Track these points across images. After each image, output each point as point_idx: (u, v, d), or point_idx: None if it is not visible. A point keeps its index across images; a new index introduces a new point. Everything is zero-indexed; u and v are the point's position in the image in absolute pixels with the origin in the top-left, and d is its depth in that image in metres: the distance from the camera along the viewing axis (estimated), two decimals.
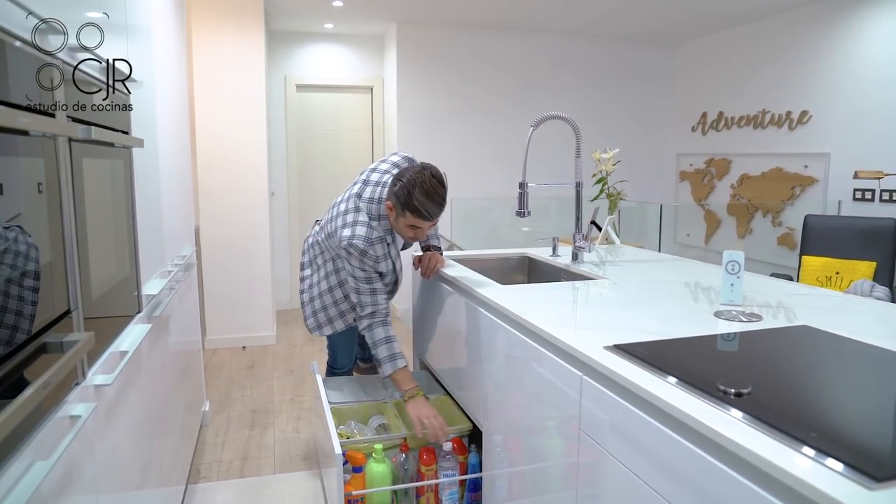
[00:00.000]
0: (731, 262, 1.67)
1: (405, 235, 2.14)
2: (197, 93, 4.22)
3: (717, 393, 1.01)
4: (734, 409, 0.95)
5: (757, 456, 0.82)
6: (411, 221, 2.04)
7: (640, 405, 1.08)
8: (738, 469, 0.86)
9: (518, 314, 1.57)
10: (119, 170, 1.60)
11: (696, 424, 0.93)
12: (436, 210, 2.01)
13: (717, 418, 0.92)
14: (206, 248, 4.31)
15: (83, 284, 1.22)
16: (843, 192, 4.04)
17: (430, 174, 2.02)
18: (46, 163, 1.07)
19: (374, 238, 2.12)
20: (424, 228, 2.08)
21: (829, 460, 0.78)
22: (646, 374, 1.11)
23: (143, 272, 1.79)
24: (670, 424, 1.00)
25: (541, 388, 1.48)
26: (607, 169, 3.88)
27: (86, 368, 1.20)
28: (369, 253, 2.10)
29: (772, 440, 0.85)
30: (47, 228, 1.06)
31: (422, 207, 1.98)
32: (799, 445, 0.82)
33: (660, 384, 1.06)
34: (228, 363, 4.04)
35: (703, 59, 5.26)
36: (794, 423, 0.89)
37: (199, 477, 2.57)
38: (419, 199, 1.97)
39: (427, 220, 2.02)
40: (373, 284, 2.17)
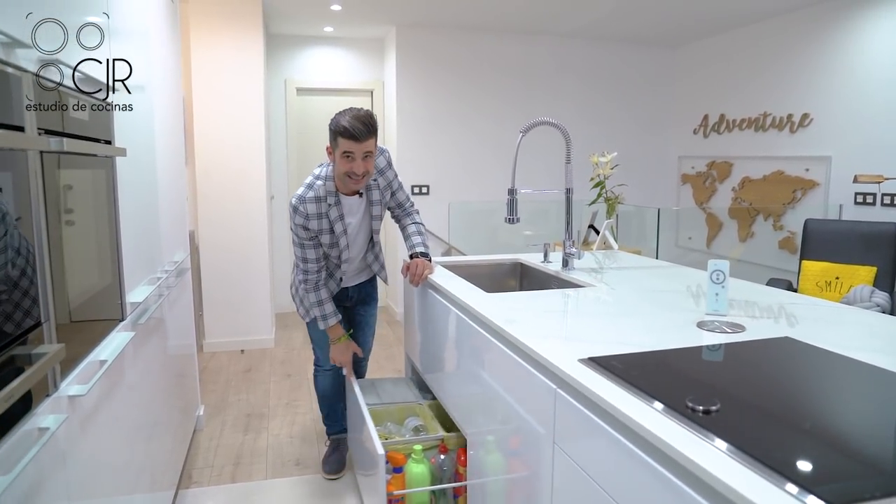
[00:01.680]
0: (716, 272, 1.65)
1: (342, 170, 2.13)
2: (195, 97, 4.23)
3: (685, 410, 0.99)
4: (699, 426, 0.93)
5: (714, 477, 0.80)
6: (343, 147, 2.08)
7: (608, 420, 1.07)
8: (701, 491, 0.85)
9: (497, 324, 1.56)
10: (100, 179, 1.60)
11: (658, 442, 0.92)
12: (360, 127, 2.05)
13: (680, 436, 0.91)
14: (204, 252, 4.32)
15: (56, 295, 1.22)
16: (844, 196, 4.00)
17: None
18: (14, 176, 1.07)
19: (308, 197, 2.21)
20: (358, 157, 2.10)
21: (788, 484, 0.77)
22: (616, 389, 1.09)
23: (128, 280, 1.79)
24: (636, 441, 0.99)
25: (518, 399, 1.47)
26: (605, 173, 3.86)
27: (58, 379, 1.20)
28: (299, 209, 2.20)
29: (732, 461, 0.83)
30: (16, 241, 1.06)
31: (348, 126, 2.05)
32: (758, 467, 0.81)
33: (628, 399, 1.05)
34: (226, 367, 4.05)
35: (705, 61, 5.23)
36: (756, 443, 0.88)
37: (191, 482, 2.57)
38: (346, 119, 2.08)
39: (355, 140, 2.06)
40: (304, 250, 2.28)
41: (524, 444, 1.45)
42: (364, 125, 2.08)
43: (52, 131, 1.23)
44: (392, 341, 4.56)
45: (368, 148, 2.11)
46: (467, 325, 1.81)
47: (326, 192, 2.23)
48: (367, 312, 2.69)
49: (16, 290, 1.05)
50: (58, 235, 1.26)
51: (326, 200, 2.23)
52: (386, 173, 2.37)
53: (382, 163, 2.35)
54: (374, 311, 2.73)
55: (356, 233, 2.37)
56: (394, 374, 3.78)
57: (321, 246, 2.31)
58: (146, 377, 1.98)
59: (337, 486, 2.54)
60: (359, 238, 2.40)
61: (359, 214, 2.35)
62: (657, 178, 5.66)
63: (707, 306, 1.66)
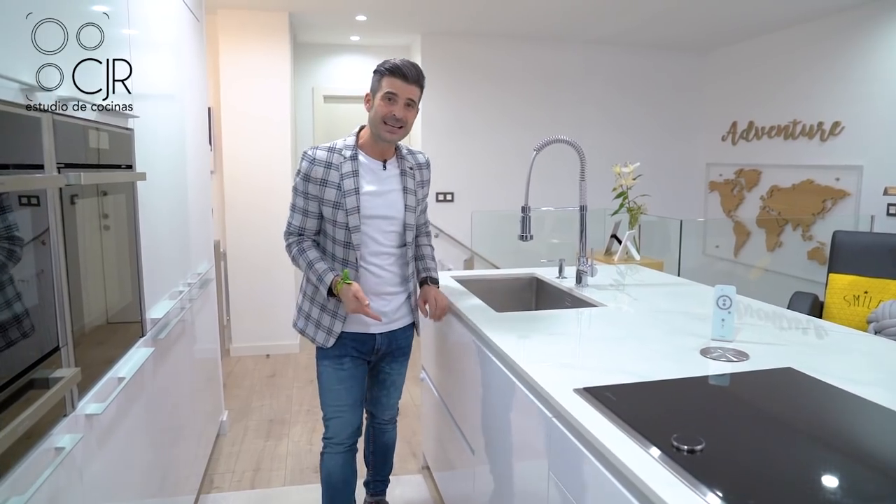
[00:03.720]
0: (723, 298, 1.65)
1: (381, 113, 1.85)
2: (224, 107, 4.34)
3: (670, 449, 1.01)
4: (681, 467, 0.95)
5: None
6: (387, 87, 1.85)
7: (597, 456, 1.09)
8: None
9: (501, 347, 1.58)
10: (121, 203, 1.67)
11: (639, 483, 0.93)
12: (411, 68, 1.85)
13: (661, 479, 0.92)
14: (231, 259, 4.43)
15: (74, 320, 1.29)
16: (876, 207, 3.90)
17: None
18: (33, 211, 1.14)
19: (322, 146, 1.94)
20: (400, 100, 1.85)
21: None
22: (605, 423, 1.11)
23: (149, 296, 1.87)
24: (620, 479, 1.01)
25: (517, 423, 1.49)
26: (627, 183, 3.85)
27: (75, 400, 1.27)
28: (307, 153, 1.92)
29: (702, 502, 0.85)
30: (34, 272, 1.13)
31: (399, 63, 1.85)
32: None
33: (616, 435, 1.06)
34: (251, 372, 4.15)
35: (734, 67, 5.14)
36: (735, 488, 0.89)
37: (212, 487, 2.66)
38: (393, 60, 1.88)
39: (403, 79, 1.83)
40: (293, 213, 1.98)
41: (522, 468, 1.47)
42: (414, 68, 1.87)
43: (71, 164, 1.30)
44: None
45: (413, 95, 1.88)
46: (475, 345, 1.84)
47: (344, 146, 1.94)
48: (394, 370, 2.17)
49: (31, 315, 1.12)
50: (76, 261, 1.33)
51: (342, 153, 1.92)
52: (424, 171, 2.08)
53: (422, 159, 2.10)
54: (404, 368, 2.21)
55: (378, 208, 1.94)
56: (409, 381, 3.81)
57: (317, 217, 1.95)
58: (168, 386, 2.06)
59: None
60: (382, 224, 1.96)
61: (385, 185, 1.97)
62: (685, 186, 5.59)
63: (713, 332, 1.65)
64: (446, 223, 5.12)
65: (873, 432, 1.12)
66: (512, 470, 1.56)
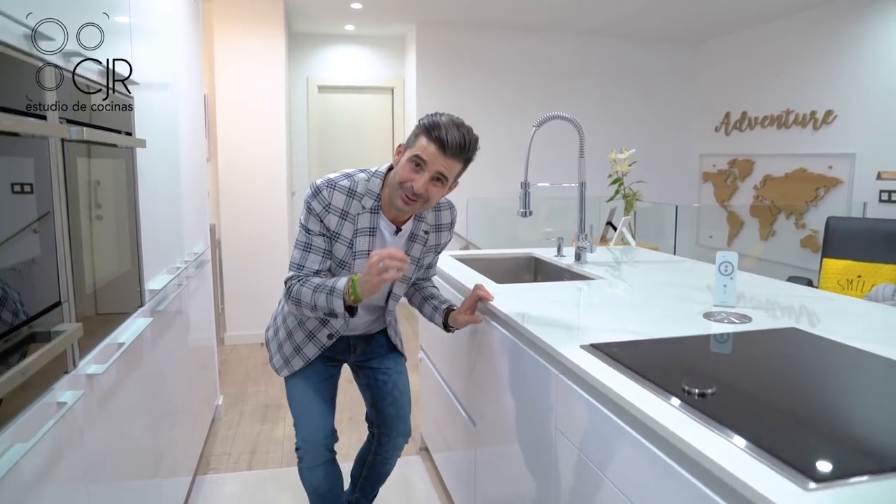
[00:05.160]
0: (725, 263, 1.65)
1: (400, 178, 1.55)
2: (218, 94, 4.32)
3: (681, 393, 1.01)
4: (693, 408, 0.94)
5: (703, 455, 0.82)
6: (419, 149, 1.52)
7: (606, 404, 1.09)
8: (693, 471, 0.86)
9: (504, 311, 1.58)
10: (121, 169, 1.66)
11: (650, 422, 0.93)
12: (457, 137, 1.50)
13: (672, 417, 0.92)
14: (226, 247, 4.40)
15: (75, 278, 1.27)
16: (868, 194, 3.93)
17: None
18: (37, 162, 1.12)
19: (340, 185, 1.61)
20: (428, 170, 1.52)
21: (773, 459, 0.78)
22: (614, 373, 1.11)
23: (147, 268, 1.85)
24: (631, 423, 1.01)
25: (521, 385, 1.49)
26: (623, 169, 3.85)
27: (77, 358, 1.25)
28: (322, 193, 1.60)
29: (722, 439, 0.85)
30: (36, 222, 1.11)
31: (443, 126, 1.51)
32: (746, 445, 0.82)
33: (625, 382, 1.06)
34: (246, 359, 4.12)
35: (727, 57, 5.17)
36: (747, 424, 0.89)
37: (209, 468, 2.63)
38: (443, 118, 1.53)
39: (440, 147, 1.50)
40: (307, 253, 1.64)
41: (527, 431, 1.46)
42: (463, 139, 1.52)
43: (73, 121, 1.28)
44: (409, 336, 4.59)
45: (447, 170, 1.54)
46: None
47: (367, 192, 1.63)
48: (390, 368, 1.95)
49: (35, 269, 1.11)
50: (77, 220, 1.31)
51: (362, 201, 1.63)
52: (442, 232, 1.79)
53: (446, 219, 1.79)
54: (401, 367, 1.98)
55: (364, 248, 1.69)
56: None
57: (331, 258, 1.66)
58: (165, 364, 2.04)
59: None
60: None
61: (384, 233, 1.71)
62: (678, 176, 5.61)
63: (715, 298, 1.66)
64: None
65: (877, 377, 1.13)
66: (515, 435, 1.56)
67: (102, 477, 1.38)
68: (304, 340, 1.81)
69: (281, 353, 1.88)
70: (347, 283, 1.54)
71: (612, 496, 1.06)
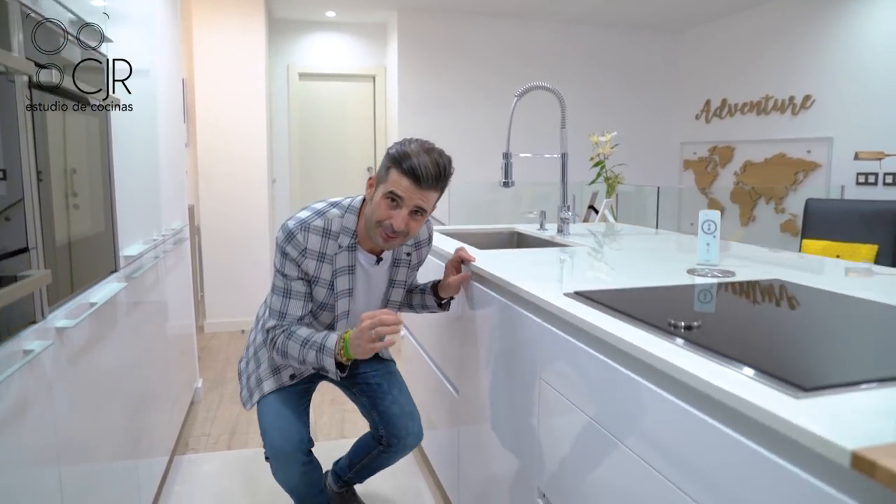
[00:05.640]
0: (707, 222, 1.65)
1: (377, 217, 1.49)
2: (197, 78, 4.25)
3: (667, 327, 0.99)
4: (679, 338, 0.93)
5: (693, 376, 0.80)
6: (392, 185, 1.46)
7: (592, 344, 1.07)
8: (683, 395, 0.84)
9: (486, 269, 1.56)
10: (94, 128, 1.61)
11: (638, 352, 0.92)
12: (430, 168, 1.44)
13: (660, 346, 0.91)
14: (206, 234, 4.34)
15: (44, 228, 1.23)
16: (845, 177, 3.98)
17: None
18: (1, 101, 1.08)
19: (314, 226, 1.54)
20: (406, 207, 1.46)
21: (762, 376, 0.76)
22: (599, 314, 1.09)
23: (122, 234, 1.80)
24: (619, 358, 0.99)
25: (505, 342, 1.47)
26: (605, 152, 3.86)
27: (45, 309, 1.21)
28: (296, 237, 1.53)
29: (709, 361, 0.83)
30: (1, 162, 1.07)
31: (414, 157, 1.44)
32: (735, 365, 0.81)
33: (610, 321, 1.04)
34: (226, 346, 4.06)
35: (707, 46, 5.21)
36: (733, 348, 0.88)
37: (187, 449, 2.58)
38: (412, 147, 1.46)
39: (415, 182, 1.44)
40: (287, 300, 1.57)
41: (512, 386, 1.44)
42: (436, 167, 1.45)
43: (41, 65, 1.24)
44: None
45: (425, 202, 1.48)
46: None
47: (342, 229, 1.56)
48: (373, 368, 1.86)
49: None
50: (47, 171, 1.27)
51: (338, 240, 1.56)
52: (422, 249, 1.75)
53: (424, 234, 1.73)
54: (390, 367, 1.91)
55: (361, 310, 1.60)
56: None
57: (312, 300, 1.61)
58: (140, 334, 1.99)
59: (333, 450, 2.54)
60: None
61: (372, 285, 1.68)
62: (659, 165, 5.64)
63: (698, 256, 1.65)
64: None
65: (856, 312, 1.12)
66: (499, 393, 1.54)
67: (74, 443, 1.33)
68: (284, 364, 1.70)
69: (256, 376, 1.76)
70: (338, 341, 1.48)
71: (601, 438, 1.04)
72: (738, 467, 0.73)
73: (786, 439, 0.66)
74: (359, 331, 1.42)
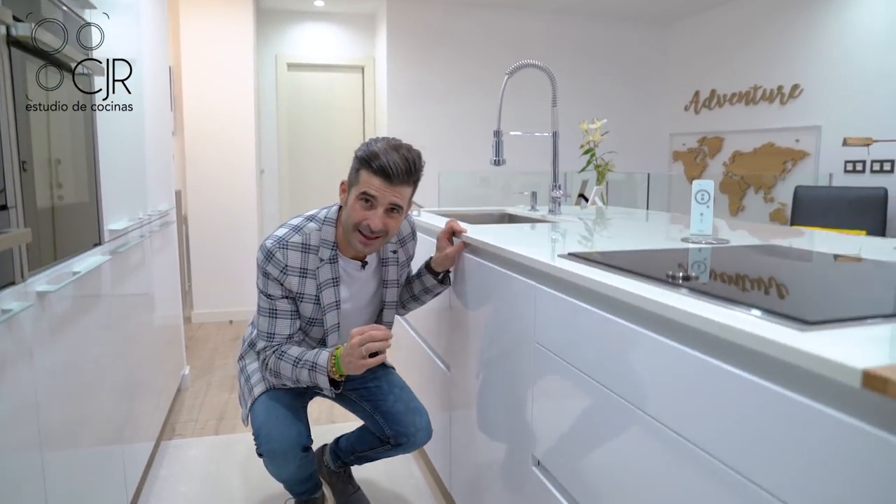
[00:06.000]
0: (701, 192, 1.63)
1: (353, 220, 1.49)
2: (185, 66, 4.20)
3: (665, 279, 0.97)
4: (679, 287, 0.91)
5: (695, 316, 0.78)
6: (364, 186, 1.46)
7: (589, 299, 1.05)
8: (687, 340, 0.82)
9: (479, 238, 1.54)
10: (77, 96, 1.57)
11: (639, 300, 0.90)
12: (399, 164, 1.44)
13: (660, 294, 0.89)
14: (193, 224, 4.28)
15: (24, 186, 1.19)
16: (834, 165, 4.00)
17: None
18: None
19: (292, 242, 1.53)
20: (381, 205, 1.47)
21: (766, 314, 0.75)
22: (595, 270, 1.07)
23: (107, 207, 1.76)
24: (617, 310, 0.97)
25: (496, 311, 1.45)
26: (595, 139, 3.85)
27: (25, 270, 1.17)
28: (275, 256, 1.51)
29: (712, 305, 0.81)
30: None
31: (382, 155, 1.44)
32: (738, 307, 0.79)
33: (608, 275, 1.02)
34: (214, 336, 4.01)
35: (696, 37, 5.22)
36: (734, 294, 0.86)
37: (174, 434, 2.54)
38: (379, 145, 1.47)
39: (386, 179, 1.44)
40: (275, 320, 1.55)
41: (504, 355, 1.42)
42: (406, 162, 1.46)
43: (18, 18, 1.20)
44: None
45: (399, 198, 1.49)
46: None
47: (321, 242, 1.56)
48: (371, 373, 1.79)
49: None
50: (26, 130, 1.23)
51: (318, 253, 1.55)
52: (408, 244, 1.75)
53: (406, 230, 1.74)
54: (388, 369, 1.87)
55: (354, 316, 1.66)
56: None
57: (299, 317, 1.60)
58: (125, 314, 1.95)
59: (324, 434, 2.50)
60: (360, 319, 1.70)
61: (361, 290, 1.67)
62: (649, 157, 5.64)
63: (692, 227, 1.64)
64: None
65: (850, 266, 1.11)
66: (491, 367, 1.51)
67: (56, 420, 1.29)
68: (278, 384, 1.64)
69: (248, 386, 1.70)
70: (330, 358, 1.48)
71: (600, 395, 1.02)
72: (747, 406, 0.71)
73: (795, 370, 0.65)
74: (349, 347, 1.43)
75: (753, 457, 0.70)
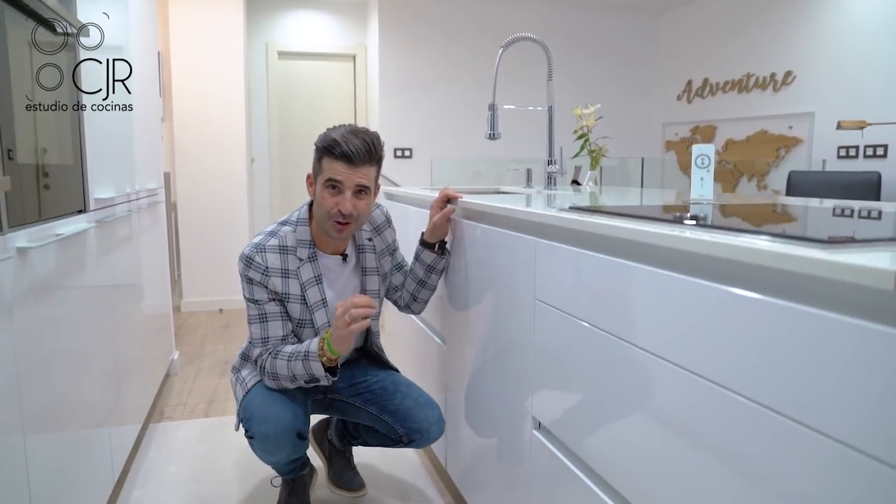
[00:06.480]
0: (701, 156, 1.60)
1: (324, 209, 1.50)
2: (174, 54, 4.14)
3: (675, 219, 0.94)
4: (689, 225, 0.88)
5: (712, 244, 0.74)
6: (329, 173, 1.48)
7: (595, 246, 1.01)
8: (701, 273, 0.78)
9: (473, 201, 1.50)
10: (61, 58, 1.52)
11: (649, 237, 0.86)
12: (358, 145, 1.46)
13: (673, 230, 0.85)
14: (182, 212, 4.22)
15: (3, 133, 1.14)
16: (827, 151, 4.00)
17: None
18: None
19: (269, 245, 1.54)
20: (347, 189, 1.48)
21: (783, 239, 0.71)
22: (599, 218, 1.03)
23: (92, 174, 1.71)
24: (626, 253, 0.93)
25: (496, 271, 1.41)
26: (589, 124, 3.83)
27: (4, 223, 1.12)
28: (255, 261, 1.52)
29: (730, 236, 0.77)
30: None
31: (341, 140, 1.46)
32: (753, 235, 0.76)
33: (612, 220, 0.99)
34: (204, 324, 3.95)
35: (688, 26, 5.22)
36: (747, 227, 0.83)
37: (163, 417, 2.48)
38: (338, 132, 1.49)
39: (348, 162, 1.46)
40: (266, 324, 1.55)
41: (502, 317, 1.38)
42: (365, 143, 1.47)
43: None
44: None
45: (365, 179, 1.50)
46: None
47: (297, 242, 1.57)
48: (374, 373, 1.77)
49: None
50: (6, 80, 1.18)
51: (296, 253, 1.56)
52: (384, 233, 1.73)
53: (380, 218, 1.73)
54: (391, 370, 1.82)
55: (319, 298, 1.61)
56: None
57: (290, 318, 1.59)
58: (112, 297, 1.89)
59: None
60: None
61: (346, 286, 1.66)
62: (641, 147, 5.63)
63: (692, 192, 1.60)
64: (405, 179, 5.01)
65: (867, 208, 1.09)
66: (488, 333, 1.48)
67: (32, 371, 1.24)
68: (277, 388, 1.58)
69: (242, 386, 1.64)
70: (320, 342, 1.48)
71: (607, 344, 0.98)
72: (770, 333, 0.67)
73: (818, 285, 0.62)
74: (334, 321, 1.44)
75: (775, 386, 0.66)
